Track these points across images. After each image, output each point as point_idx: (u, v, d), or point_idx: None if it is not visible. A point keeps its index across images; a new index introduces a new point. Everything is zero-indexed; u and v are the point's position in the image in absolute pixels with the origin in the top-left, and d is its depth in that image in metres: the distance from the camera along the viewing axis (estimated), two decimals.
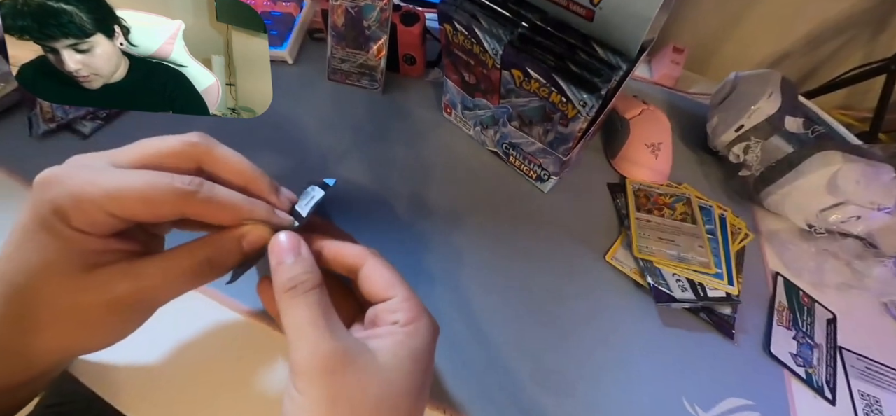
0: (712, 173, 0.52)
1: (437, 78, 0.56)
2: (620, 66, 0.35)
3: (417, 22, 0.50)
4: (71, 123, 0.43)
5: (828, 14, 0.60)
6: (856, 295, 0.43)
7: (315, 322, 0.20)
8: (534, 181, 0.47)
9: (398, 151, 0.48)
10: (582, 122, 0.37)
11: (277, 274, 0.22)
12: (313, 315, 0.20)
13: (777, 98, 0.46)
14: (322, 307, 0.21)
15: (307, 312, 0.20)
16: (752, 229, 0.46)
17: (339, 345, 0.20)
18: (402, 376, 0.20)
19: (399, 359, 0.21)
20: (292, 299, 0.21)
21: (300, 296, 0.21)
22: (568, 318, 0.38)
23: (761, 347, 0.39)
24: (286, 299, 0.21)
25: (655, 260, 0.41)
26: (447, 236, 0.42)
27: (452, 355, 0.34)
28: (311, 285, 0.21)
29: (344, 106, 0.51)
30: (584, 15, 0.36)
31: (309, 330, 0.20)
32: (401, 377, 0.20)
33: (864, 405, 0.36)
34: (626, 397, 0.34)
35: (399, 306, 0.23)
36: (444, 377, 0.33)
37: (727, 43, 0.67)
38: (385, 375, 0.20)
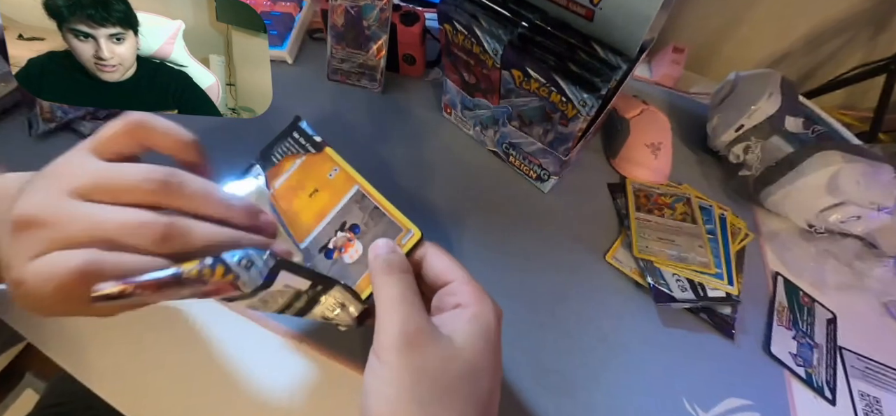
0: (712, 173, 0.52)
1: (437, 78, 0.56)
2: (620, 66, 0.35)
3: (417, 22, 0.50)
4: (70, 123, 0.43)
5: (828, 14, 0.60)
6: (856, 295, 0.43)
7: (405, 299, 0.22)
8: (534, 181, 0.47)
9: (398, 151, 0.48)
10: (582, 122, 0.37)
11: (376, 259, 0.24)
12: (404, 293, 0.22)
13: (777, 98, 0.46)
14: (412, 290, 0.23)
15: (399, 290, 0.22)
16: (752, 229, 0.46)
17: (423, 321, 0.21)
18: (477, 354, 0.21)
19: (473, 339, 0.22)
20: (388, 275, 0.23)
21: (395, 275, 0.23)
22: (568, 318, 0.38)
23: (761, 347, 0.39)
24: (382, 276, 0.23)
25: (655, 260, 0.41)
26: (447, 236, 0.42)
27: None
28: (405, 269, 0.23)
29: (344, 106, 0.51)
30: (584, 15, 0.36)
31: (400, 306, 0.22)
32: (476, 355, 0.21)
33: (864, 405, 0.36)
34: (626, 397, 0.34)
35: (459, 289, 0.24)
36: None
37: (727, 43, 0.67)
38: (463, 354, 0.21)
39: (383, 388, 0.20)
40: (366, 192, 0.28)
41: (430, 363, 0.20)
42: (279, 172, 0.29)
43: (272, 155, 0.30)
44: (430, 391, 0.20)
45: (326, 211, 0.28)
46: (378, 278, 0.23)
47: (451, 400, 0.20)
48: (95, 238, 0.19)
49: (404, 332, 0.21)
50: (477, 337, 0.22)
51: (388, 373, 0.20)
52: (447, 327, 0.22)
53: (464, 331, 0.22)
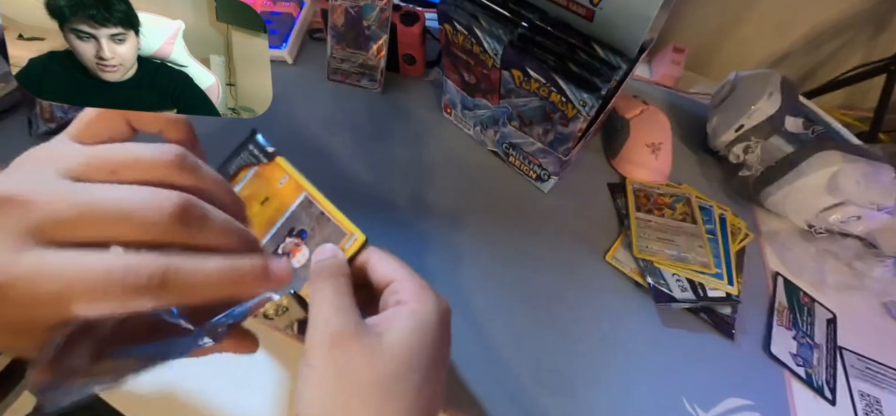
0: (712, 173, 0.52)
1: (437, 78, 0.56)
2: (620, 66, 0.35)
3: (417, 22, 0.50)
4: (70, 122, 0.43)
5: (828, 14, 0.60)
6: (856, 295, 0.43)
7: (331, 301, 0.22)
8: (534, 181, 0.47)
9: (398, 151, 0.48)
10: (582, 122, 0.37)
11: (314, 264, 0.24)
12: (332, 297, 0.22)
13: (777, 98, 0.46)
14: (342, 293, 0.22)
15: (328, 293, 0.22)
16: (752, 229, 0.46)
17: (349, 322, 0.21)
18: (407, 351, 0.21)
19: (403, 335, 0.21)
20: (320, 280, 0.23)
21: (327, 279, 0.23)
22: (568, 318, 0.38)
23: (761, 347, 0.39)
24: (315, 281, 0.23)
25: (655, 260, 0.41)
26: (447, 236, 0.42)
27: (452, 354, 0.34)
28: (337, 273, 0.23)
29: (344, 106, 0.51)
30: (584, 15, 0.36)
31: (325, 307, 0.22)
32: (406, 352, 0.21)
33: (864, 405, 0.36)
34: (626, 396, 0.34)
35: (400, 287, 0.24)
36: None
37: (727, 43, 0.67)
38: (391, 351, 0.21)
39: (309, 390, 0.20)
40: (313, 198, 0.29)
41: (354, 363, 0.20)
42: (235, 183, 0.30)
43: (229, 167, 0.31)
44: (353, 391, 0.20)
45: (277, 218, 0.29)
46: (311, 284, 0.23)
47: (377, 398, 0.20)
48: (96, 219, 0.16)
49: (329, 332, 0.21)
50: (411, 333, 0.21)
51: (314, 375, 0.20)
52: (382, 325, 0.22)
53: (397, 328, 0.21)
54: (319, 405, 0.20)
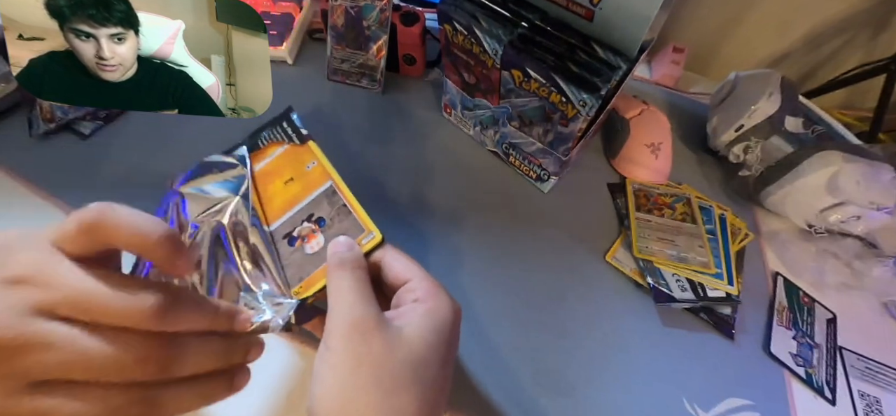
0: (712, 173, 0.52)
1: (436, 78, 0.56)
2: (620, 66, 0.35)
3: (417, 22, 0.50)
4: (70, 123, 0.43)
5: (828, 14, 0.60)
6: (856, 295, 0.43)
7: (353, 289, 0.23)
8: (534, 181, 0.47)
9: (398, 151, 0.48)
10: (581, 122, 0.37)
11: (334, 255, 0.25)
12: (353, 285, 0.23)
13: (777, 98, 0.46)
14: (362, 283, 0.23)
15: (349, 283, 0.23)
16: (752, 229, 0.46)
17: (371, 312, 0.22)
18: (424, 347, 0.22)
19: (422, 331, 0.22)
20: (340, 270, 0.24)
21: (347, 270, 0.24)
22: (568, 318, 0.38)
23: (761, 347, 0.39)
24: (336, 270, 0.24)
25: (655, 260, 0.41)
26: (447, 236, 0.42)
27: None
28: (358, 266, 0.24)
29: (344, 106, 0.51)
30: (584, 15, 0.36)
31: (347, 295, 0.23)
32: (423, 347, 0.22)
33: (864, 405, 0.36)
34: (626, 397, 0.34)
35: (416, 286, 0.24)
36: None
37: (727, 43, 0.67)
38: (410, 344, 0.21)
39: (327, 372, 0.21)
40: (338, 188, 0.29)
41: (373, 350, 0.21)
42: (263, 156, 0.30)
43: (259, 138, 0.31)
44: (369, 377, 0.20)
45: (297, 200, 0.28)
46: (332, 272, 0.24)
47: (392, 386, 0.20)
48: (64, 368, 0.17)
49: (351, 319, 0.21)
50: (428, 331, 0.22)
51: (333, 358, 0.21)
52: (401, 319, 0.23)
53: (415, 324, 0.22)
54: (337, 387, 0.20)
